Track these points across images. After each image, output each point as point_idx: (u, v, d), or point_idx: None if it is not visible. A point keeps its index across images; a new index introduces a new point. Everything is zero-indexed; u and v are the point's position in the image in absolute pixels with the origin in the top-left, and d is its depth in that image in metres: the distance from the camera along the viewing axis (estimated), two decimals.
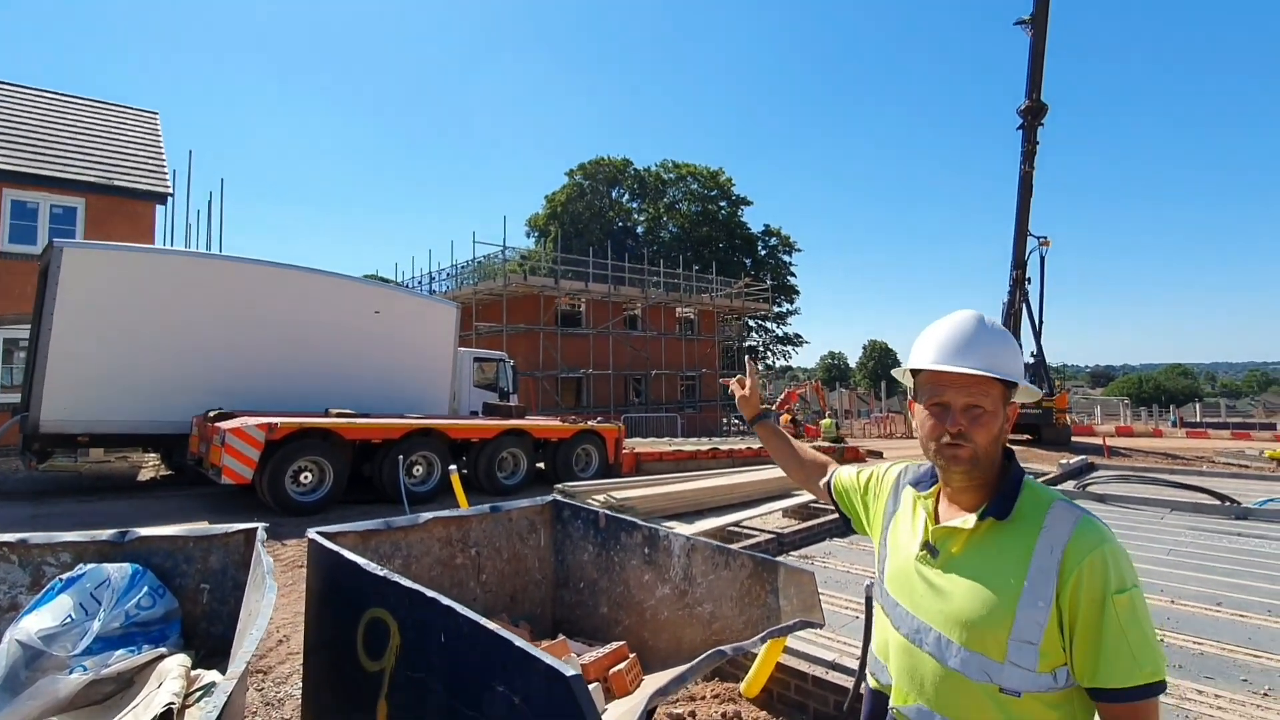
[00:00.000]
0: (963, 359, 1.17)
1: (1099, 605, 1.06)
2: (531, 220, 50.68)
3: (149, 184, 14.95)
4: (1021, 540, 1.14)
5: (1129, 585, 1.08)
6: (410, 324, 11.65)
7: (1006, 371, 1.17)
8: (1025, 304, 23.79)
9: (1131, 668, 1.04)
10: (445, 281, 28.17)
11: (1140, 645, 1.04)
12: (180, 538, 2.70)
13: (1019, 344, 1.26)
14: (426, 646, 2.19)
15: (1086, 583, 1.07)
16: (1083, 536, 1.10)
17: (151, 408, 8.81)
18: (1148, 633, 1.06)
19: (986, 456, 1.18)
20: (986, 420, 1.17)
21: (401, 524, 3.19)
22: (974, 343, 1.19)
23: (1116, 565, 1.08)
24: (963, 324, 1.21)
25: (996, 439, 1.19)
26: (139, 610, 2.47)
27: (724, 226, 49.47)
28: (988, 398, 1.17)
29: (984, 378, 1.16)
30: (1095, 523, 1.13)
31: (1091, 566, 1.07)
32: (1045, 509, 1.16)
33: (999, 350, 1.18)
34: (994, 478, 1.21)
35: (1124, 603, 1.06)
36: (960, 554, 1.20)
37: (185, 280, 9.34)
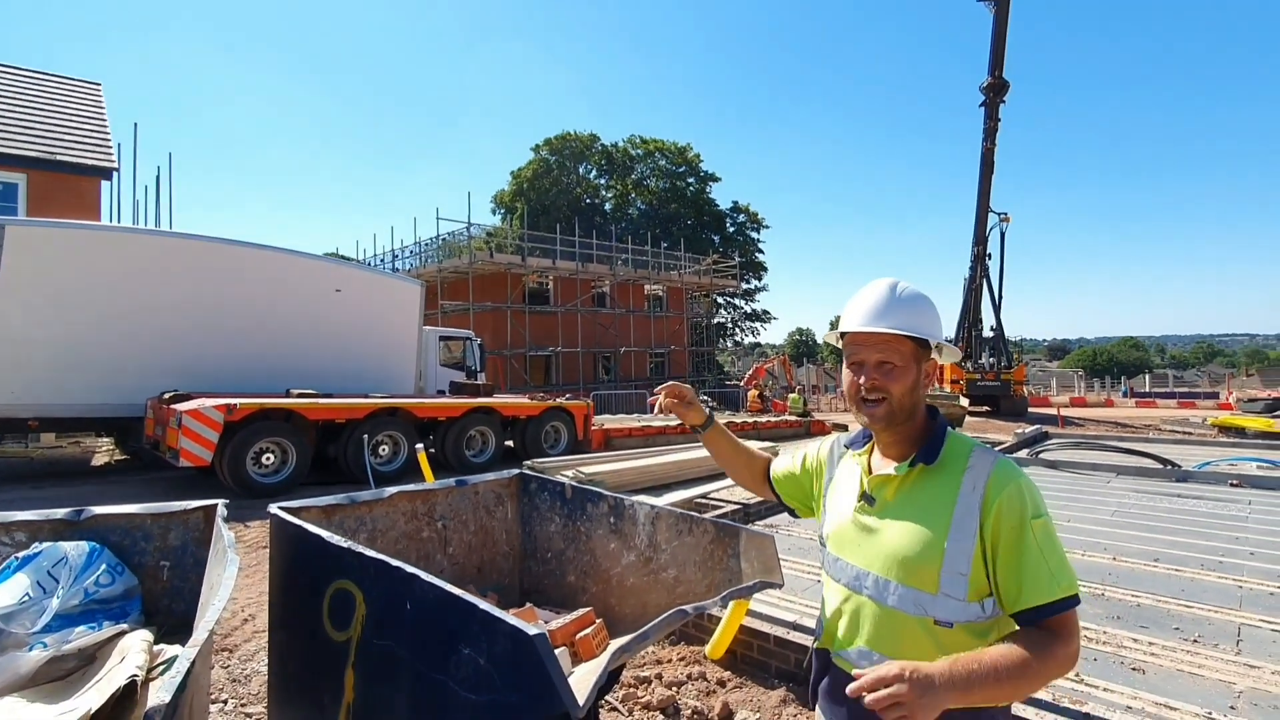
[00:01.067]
0: (875, 321, 1.29)
1: (1019, 530, 1.18)
2: (498, 197, 49.90)
3: (93, 158, 14.32)
4: (948, 481, 1.25)
5: (1042, 513, 1.21)
6: (373, 302, 11.47)
7: (915, 329, 1.27)
8: (986, 279, 24.36)
9: (1052, 584, 1.16)
10: (409, 259, 27.68)
11: (1057, 564, 1.17)
12: (138, 515, 2.67)
13: (938, 310, 1.38)
14: (392, 614, 2.22)
15: (1005, 512, 1.19)
16: (1000, 473, 1.23)
17: (104, 390, 8.55)
18: (1061, 553, 1.19)
19: (901, 408, 1.30)
20: (898, 374, 1.29)
21: (366, 498, 3.19)
22: (887, 307, 1.30)
23: (1031, 496, 1.21)
24: (877, 290, 1.32)
25: (910, 391, 1.30)
26: (98, 588, 2.45)
27: (692, 203, 49.39)
28: (898, 354, 1.29)
29: (895, 336, 1.27)
30: (1010, 462, 1.26)
31: (1009, 497, 1.19)
32: (968, 453, 1.28)
33: (911, 312, 1.29)
34: (920, 431, 1.33)
35: (1040, 526, 1.18)
36: (894, 499, 1.31)
37: (136, 258, 9.03)
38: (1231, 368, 62.33)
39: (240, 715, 3.03)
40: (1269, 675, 2.78)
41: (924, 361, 1.32)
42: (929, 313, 1.32)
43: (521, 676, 1.81)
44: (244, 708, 3.08)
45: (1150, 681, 2.76)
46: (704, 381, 32.05)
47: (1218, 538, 4.85)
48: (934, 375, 1.35)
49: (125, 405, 8.61)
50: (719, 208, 51.10)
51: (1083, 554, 4.55)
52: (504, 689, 1.89)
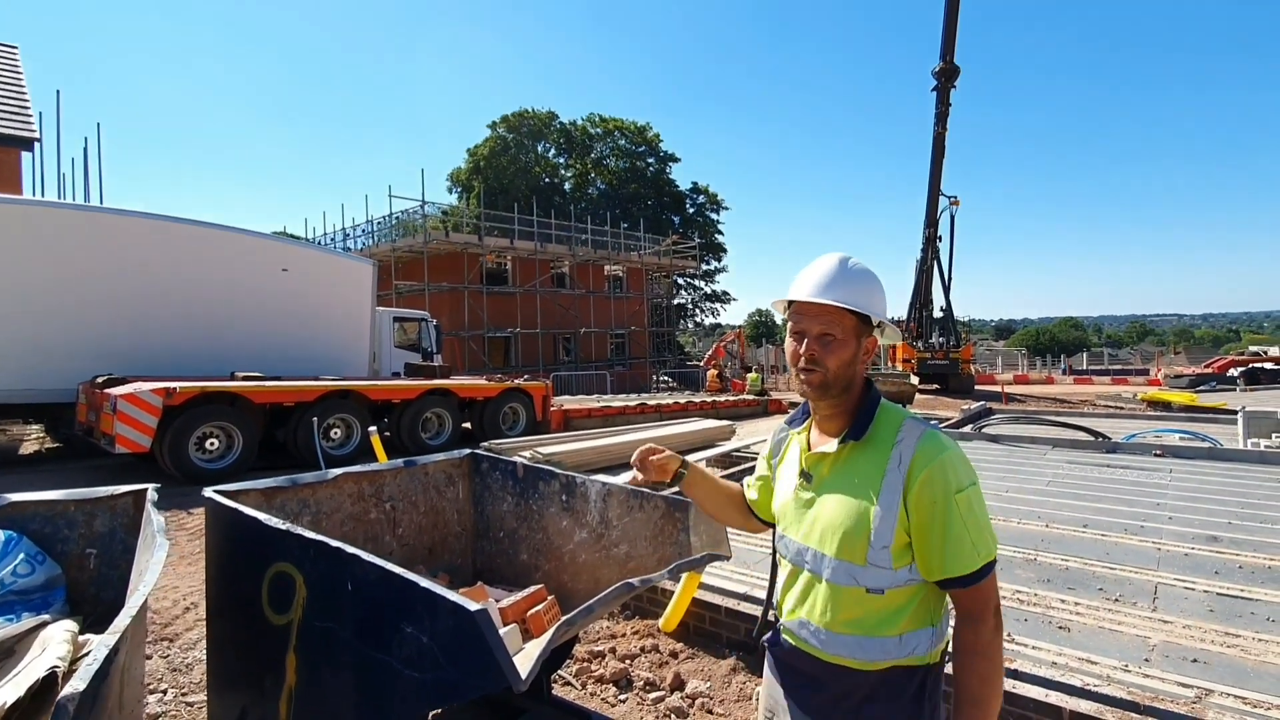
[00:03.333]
0: (823, 292, 1.29)
1: (943, 505, 1.20)
2: (453, 175, 48.72)
3: (11, 127, 13.41)
4: (877, 456, 1.27)
5: (966, 484, 1.22)
6: (322, 282, 11.11)
7: (860, 305, 1.28)
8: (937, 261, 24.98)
9: (973, 555, 1.19)
10: (361, 238, 26.90)
11: (978, 534, 1.20)
12: (59, 502, 2.55)
13: (885, 290, 1.39)
14: (334, 595, 2.17)
15: (927, 486, 1.21)
16: (925, 447, 1.24)
17: (30, 375, 8.10)
18: (983, 522, 1.22)
19: (837, 380, 1.30)
20: (836, 347, 1.29)
21: (309, 480, 3.11)
22: (834, 280, 1.30)
23: (955, 469, 1.22)
24: (827, 263, 1.33)
25: (847, 364, 1.30)
26: (15, 578, 2.33)
27: (652, 183, 49.16)
28: (839, 327, 1.29)
29: (837, 309, 1.28)
30: (938, 435, 1.27)
31: (933, 472, 1.21)
32: (897, 428, 1.29)
33: (855, 287, 1.29)
34: (854, 405, 1.34)
35: (963, 500, 1.20)
36: (829, 475, 1.34)
37: (63, 235, 8.52)
38: (1161, 346, 65.54)
39: (181, 704, 2.94)
40: (1180, 629, 2.95)
41: (864, 337, 1.32)
42: (875, 290, 1.32)
43: (464, 653, 1.80)
44: (184, 696, 2.99)
45: (1074, 639, 2.90)
46: (664, 362, 32.19)
47: (1140, 504, 5.11)
48: (873, 352, 1.37)
49: (54, 390, 8.16)
50: (679, 188, 51.00)
51: (1019, 522, 4.74)
52: (447, 665, 1.87)
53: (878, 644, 1.27)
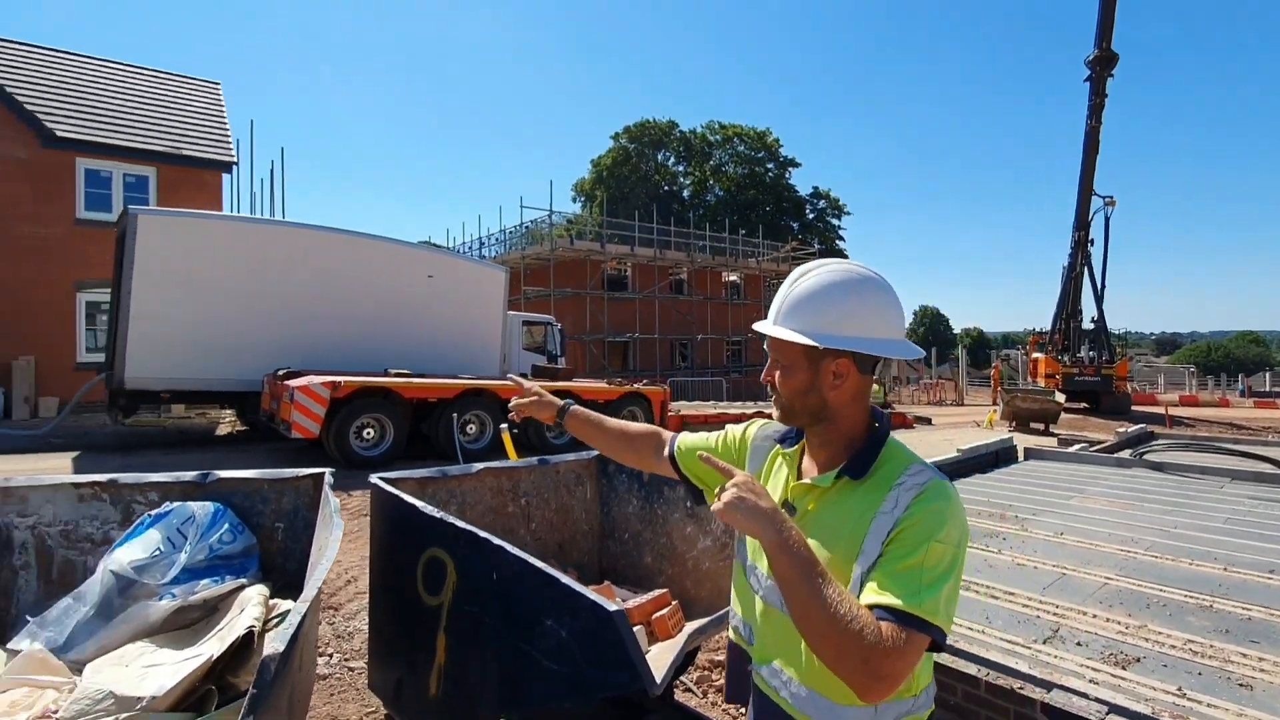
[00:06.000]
0: (768, 321, 1.21)
1: (913, 542, 1.04)
2: (578, 185, 50.48)
3: (215, 153, 15.47)
4: (871, 498, 1.13)
5: (950, 541, 1.05)
6: (462, 288, 11.88)
7: (802, 331, 1.14)
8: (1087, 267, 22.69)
9: (913, 595, 0.99)
10: (494, 246, 28.49)
11: (931, 586, 1.01)
12: (256, 480, 2.88)
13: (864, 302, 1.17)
14: (481, 583, 2.31)
15: (914, 525, 1.06)
16: (929, 493, 1.09)
17: (226, 366, 9.29)
18: (945, 584, 1.02)
19: (791, 408, 1.20)
20: (785, 374, 1.19)
21: (456, 473, 3.33)
22: (776, 306, 1.20)
23: (947, 522, 1.06)
24: (786, 287, 1.21)
25: (801, 392, 1.18)
26: (221, 545, 2.66)
27: (771, 189, 48.37)
28: (785, 354, 1.19)
29: (785, 339, 1.16)
30: (946, 486, 1.11)
31: (925, 515, 1.06)
32: (901, 470, 1.14)
33: (802, 312, 1.16)
34: (852, 438, 1.20)
35: (938, 550, 1.03)
36: (814, 510, 1.20)
37: (253, 245, 9.73)
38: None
39: (344, 668, 3.24)
40: None
41: (824, 361, 1.15)
42: (828, 310, 1.14)
43: (601, 652, 1.85)
44: (347, 661, 3.30)
45: (1258, 699, 2.53)
46: None
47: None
48: (848, 376, 1.16)
49: (245, 380, 9.32)
50: (798, 194, 49.83)
51: (1191, 563, 4.20)
52: (584, 662, 1.94)
53: (851, 713, 1.11)
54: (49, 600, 2.60)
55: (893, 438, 1.21)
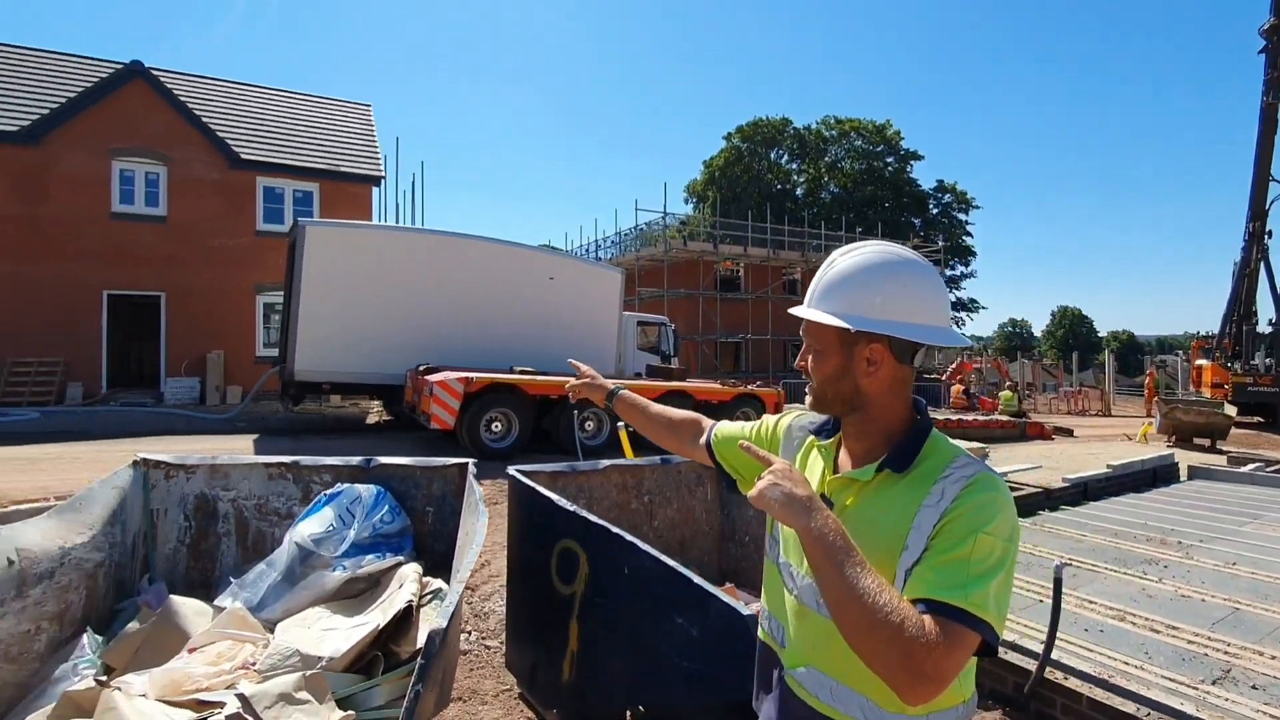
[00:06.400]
0: (806, 303, 1.17)
1: (960, 534, 0.97)
2: (690, 186, 50.53)
3: (366, 169, 16.96)
4: (916, 490, 1.06)
5: (1003, 537, 0.98)
6: (580, 289, 12.27)
7: (835, 314, 1.10)
8: (1264, 261, 19.78)
9: (960, 589, 0.92)
10: (610, 249, 29.15)
11: (979, 580, 0.93)
12: (411, 466, 3.13)
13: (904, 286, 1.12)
14: (612, 576, 2.39)
15: (961, 517, 0.99)
16: (977, 485, 1.02)
17: (375, 361, 10.18)
18: (995, 581, 0.94)
19: (825, 394, 1.16)
20: (819, 359, 1.15)
21: (584, 469, 3.45)
22: (816, 284, 1.16)
23: (996, 515, 0.99)
24: (823, 269, 1.17)
25: (833, 378, 1.14)
26: (382, 524, 2.91)
27: (891, 184, 46.03)
28: (819, 339, 1.15)
29: (812, 322, 1.14)
30: (995, 479, 1.04)
31: (973, 506, 0.99)
32: (947, 462, 1.07)
33: (837, 294, 1.12)
34: (892, 429, 1.13)
35: (987, 543, 0.96)
36: (854, 506, 1.12)
37: (401, 251, 10.60)
38: None
39: (482, 646, 3.45)
40: None
41: (858, 346, 1.10)
42: (864, 292, 1.10)
43: (732, 653, 1.85)
44: (484, 640, 3.51)
45: None
46: None
47: None
48: (882, 362, 1.10)
49: (391, 375, 10.17)
50: (921, 188, 47.08)
51: None
52: (714, 661, 1.94)
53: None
54: (244, 564, 2.97)
55: (936, 430, 1.14)
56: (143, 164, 14.31)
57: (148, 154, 14.30)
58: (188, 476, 2.96)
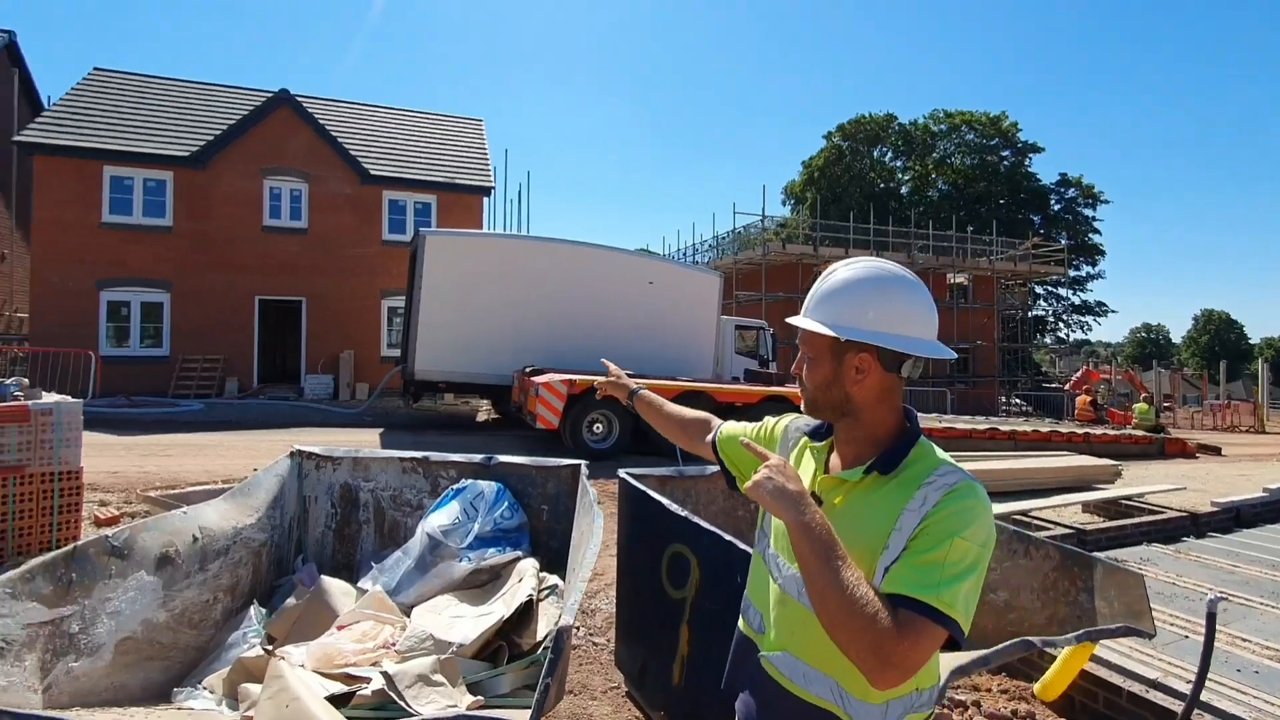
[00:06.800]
0: (802, 313, 1.23)
1: (936, 536, 1.03)
2: (788, 188, 49.40)
3: (478, 180, 17.85)
4: (900, 494, 1.11)
5: (978, 542, 1.03)
6: (679, 293, 12.31)
7: (826, 323, 1.17)
8: None
9: (932, 588, 0.99)
10: (707, 252, 29.05)
11: (951, 581, 0.99)
12: (528, 465, 3.26)
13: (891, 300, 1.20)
14: (724, 583, 2.37)
15: (939, 521, 1.04)
16: (958, 492, 1.07)
17: (486, 362, 10.69)
18: (965, 584, 1.00)
19: (814, 400, 1.23)
20: (811, 367, 1.22)
21: (691, 474, 3.46)
22: (811, 296, 1.24)
23: (977, 521, 1.04)
24: (819, 280, 1.24)
25: (823, 385, 1.20)
26: (503, 520, 3.05)
27: (1006, 179, 42.90)
28: (811, 347, 1.22)
29: (807, 330, 1.20)
30: (977, 487, 1.09)
31: (952, 512, 1.04)
32: (931, 469, 1.12)
33: (830, 305, 1.19)
34: (882, 435, 1.19)
35: (962, 547, 1.01)
36: (841, 505, 1.18)
37: (510, 258, 11.08)
38: None
39: (589, 642, 3.53)
40: None
41: (847, 354, 1.17)
42: (852, 304, 1.17)
43: None
44: (591, 636, 3.59)
45: None
46: (1016, 383, 27.83)
47: None
48: (869, 371, 1.16)
49: (500, 375, 10.64)
50: (1040, 182, 43.55)
51: None
52: None
53: (860, 705, 1.12)
54: (381, 550, 3.20)
55: (924, 439, 1.19)
56: (288, 182, 15.78)
57: (292, 173, 15.75)
58: (334, 468, 3.23)
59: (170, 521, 2.39)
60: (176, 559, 2.32)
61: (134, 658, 2.12)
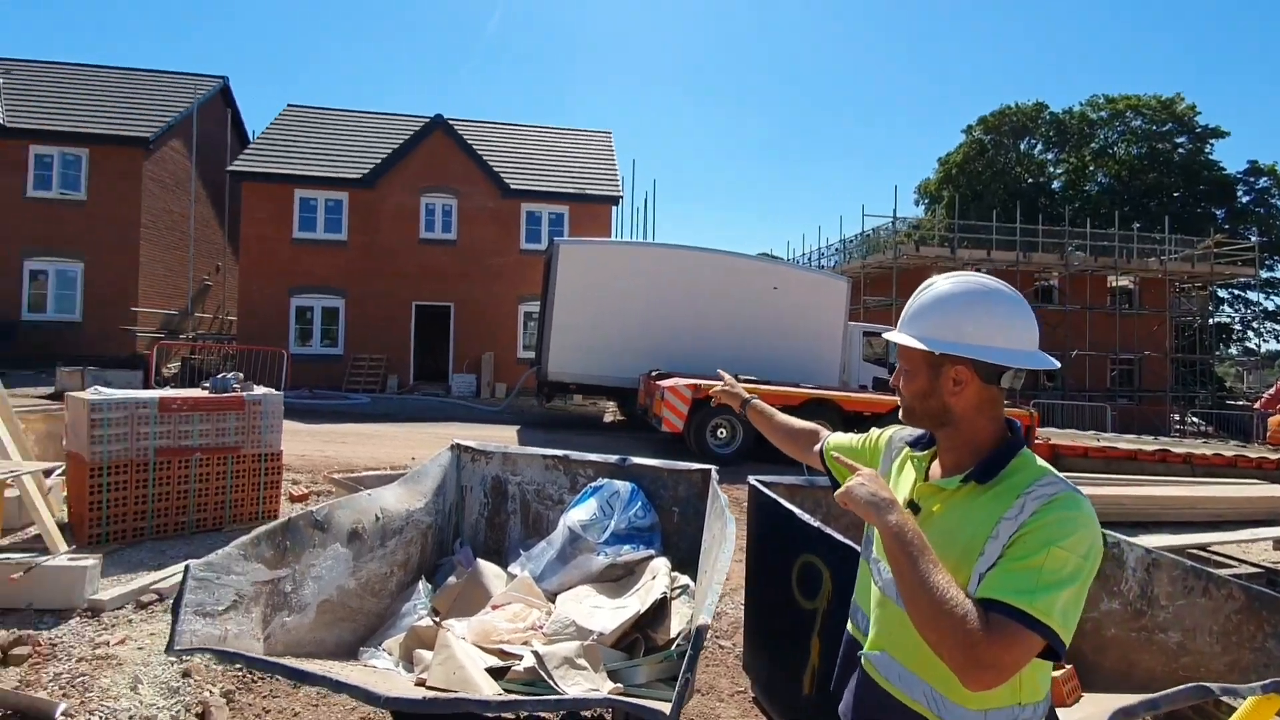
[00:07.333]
0: (898, 327, 1.25)
1: (1034, 544, 1.02)
2: (921, 187, 46.38)
3: (607, 190, 18.45)
4: (998, 503, 1.11)
5: (1079, 553, 1.01)
6: (804, 298, 12.02)
7: (922, 337, 1.18)
8: None
9: (1028, 594, 0.98)
10: (832, 256, 28.02)
11: (1049, 590, 0.98)
12: (660, 468, 3.37)
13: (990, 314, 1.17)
14: None
15: (1037, 530, 1.03)
16: (1058, 502, 1.06)
17: (614, 365, 11.05)
18: (1066, 592, 0.99)
19: (911, 411, 1.24)
20: (908, 379, 1.23)
21: (822, 484, 3.39)
22: (907, 309, 1.25)
23: (1078, 532, 1.03)
24: (916, 295, 1.25)
25: (920, 395, 1.21)
26: (636, 519, 3.17)
27: (1181, 169, 37.60)
28: (908, 359, 1.23)
29: (903, 344, 1.22)
30: (1080, 498, 1.07)
31: (1051, 521, 1.03)
32: (1033, 480, 1.11)
33: (926, 319, 1.20)
34: (981, 444, 1.19)
35: (1060, 556, 1.00)
36: (939, 512, 1.19)
37: (638, 264, 11.40)
38: None
39: (715, 644, 3.58)
40: None
41: (944, 367, 1.17)
42: (948, 316, 1.18)
43: None
44: (719, 639, 3.63)
45: None
46: (1193, 399, 24.33)
47: None
48: (967, 383, 1.17)
49: (626, 378, 10.96)
50: (1224, 172, 37.67)
51: None
52: None
53: (955, 710, 1.11)
54: (525, 539, 3.44)
55: (1027, 450, 1.18)
56: (440, 198, 17.21)
57: (444, 190, 17.16)
58: (487, 461, 3.52)
59: (358, 501, 2.72)
60: (363, 534, 2.64)
61: (330, 618, 2.45)
